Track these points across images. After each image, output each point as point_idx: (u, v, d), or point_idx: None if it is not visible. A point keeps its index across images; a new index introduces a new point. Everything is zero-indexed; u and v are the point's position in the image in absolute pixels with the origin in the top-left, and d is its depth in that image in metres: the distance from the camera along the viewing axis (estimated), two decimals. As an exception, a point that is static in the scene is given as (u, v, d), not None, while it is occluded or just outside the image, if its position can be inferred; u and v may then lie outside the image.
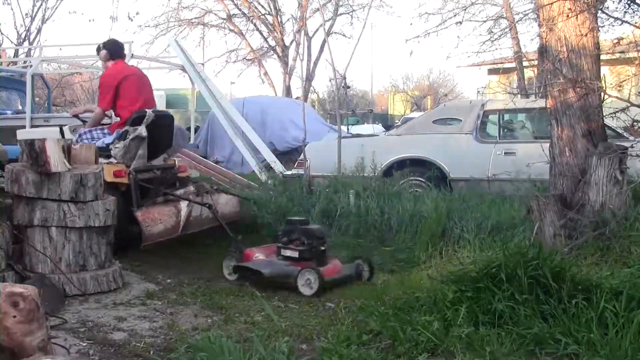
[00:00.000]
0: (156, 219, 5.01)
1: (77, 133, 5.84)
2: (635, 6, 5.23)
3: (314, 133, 9.85)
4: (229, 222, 5.57)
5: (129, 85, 5.78)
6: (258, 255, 4.70)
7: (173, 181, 5.81)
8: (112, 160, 5.40)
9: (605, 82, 5.12)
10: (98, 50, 6.07)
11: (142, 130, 5.36)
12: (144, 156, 5.46)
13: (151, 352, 3.19)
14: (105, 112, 5.99)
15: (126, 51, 9.06)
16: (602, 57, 5.38)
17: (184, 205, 5.27)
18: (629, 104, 4.84)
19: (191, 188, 5.58)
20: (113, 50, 5.99)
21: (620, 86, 5.47)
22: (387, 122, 26.22)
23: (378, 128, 16.63)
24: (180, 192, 5.46)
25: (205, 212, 5.39)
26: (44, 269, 4.22)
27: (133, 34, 29.41)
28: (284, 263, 4.57)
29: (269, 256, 4.70)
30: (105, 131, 5.80)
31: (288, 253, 4.61)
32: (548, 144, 5.12)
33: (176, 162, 5.98)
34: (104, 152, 5.39)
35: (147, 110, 5.54)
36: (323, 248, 4.66)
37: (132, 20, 18.78)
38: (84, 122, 6.43)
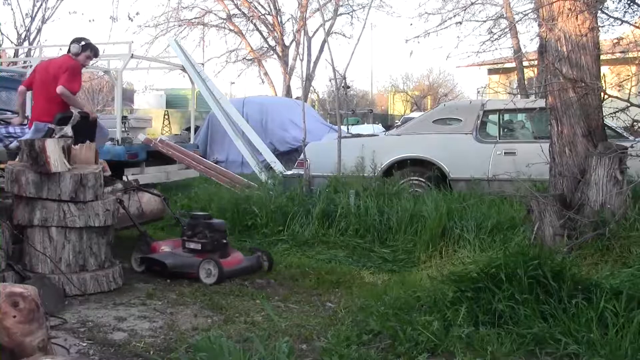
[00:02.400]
0: None
1: None
2: (635, 6, 5.24)
3: (314, 133, 9.85)
4: (154, 219, 5.83)
5: (36, 81, 5.90)
6: (164, 248, 4.99)
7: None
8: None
9: (605, 81, 5.12)
10: None
11: (68, 129, 5.31)
12: None
13: (151, 352, 3.19)
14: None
15: (126, 51, 9.09)
16: (602, 56, 5.38)
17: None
18: (628, 104, 4.84)
19: (119, 185, 5.55)
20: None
21: (620, 86, 5.47)
22: (387, 122, 26.22)
23: (378, 128, 16.60)
24: (108, 189, 5.28)
25: (132, 209, 5.35)
26: (44, 269, 4.22)
27: (133, 34, 29.45)
28: (188, 255, 4.85)
29: (175, 249, 4.99)
30: (26, 130, 5.83)
31: (192, 245, 4.90)
32: (548, 144, 5.12)
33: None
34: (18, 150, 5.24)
35: (72, 110, 5.66)
36: (225, 241, 4.97)
37: (132, 20, 18.74)
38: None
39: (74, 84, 5.78)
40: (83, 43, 5.92)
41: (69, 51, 5.95)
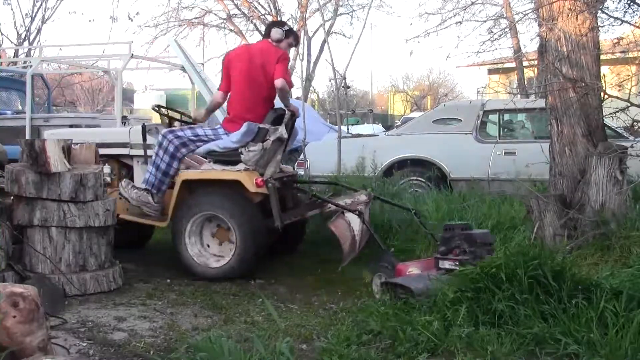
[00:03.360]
0: (346, 236, 4.32)
1: (159, 133, 4.95)
2: (635, 6, 5.23)
3: (314, 133, 9.84)
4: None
5: (237, 72, 4.80)
6: (412, 270, 4.08)
7: (295, 189, 5.21)
8: (239, 166, 4.68)
9: (605, 81, 5.12)
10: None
11: (282, 131, 4.70)
12: (279, 162, 4.82)
13: (151, 352, 3.19)
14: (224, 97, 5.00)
15: (126, 51, 9.09)
16: (602, 56, 5.38)
17: (352, 217, 4.52)
18: (629, 104, 4.84)
19: (362, 197, 4.89)
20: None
21: (620, 86, 5.47)
22: (387, 122, 26.23)
23: (378, 128, 16.63)
24: (346, 202, 4.75)
25: (365, 225, 4.64)
26: (44, 269, 4.22)
27: (133, 34, 29.40)
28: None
29: (425, 270, 4.00)
30: (219, 131, 4.87)
31: (447, 265, 3.90)
32: (548, 144, 5.12)
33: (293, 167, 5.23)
34: (217, 155, 4.78)
35: (282, 107, 4.82)
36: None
37: (132, 20, 18.70)
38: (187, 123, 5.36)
39: (290, 78, 4.96)
40: (287, 28, 5.02)
41: (267, 36, 5.00)
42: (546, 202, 4.76)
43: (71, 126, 8.09)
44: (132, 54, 9.19)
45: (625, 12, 5.30)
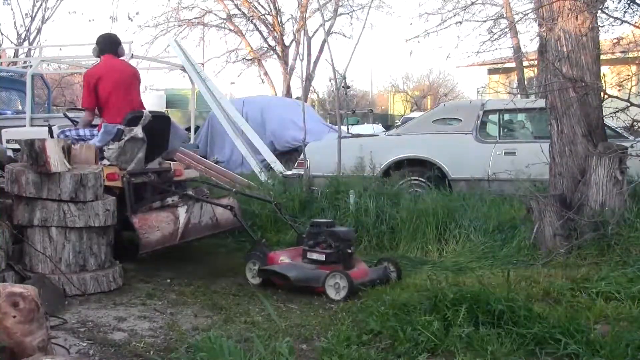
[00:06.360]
0: (154, 226, 4.73)
1: (63, 132, 5.59)
2: (635, 6, 5.24)
3: (314, 133, 9.84)
4: (230, 229, 5.50)
5: (103, 85, 5.45)
6: (283, 259, 4.57)
7: (169, 185, 5.50)
8: (104, 162, 5.08)
9: (605, 81, 5.13)
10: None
11: (138, 131, 5.13)
12: (142, 159, 5.21)
13: (151, 352, 3.19)
14: (94, 112, 5.66)
15: (126, 51, 9.09)
16: (602, 56, 5.39)
17: (182, 210, 4.99)
18: (629, 104, 4.84)
19: (204, 191, 5.39)
20: (102, 44, 5.67)
21: (620, 86, 5.47)
22: (387, 122, 26.21)
23: (378, 128, 16.61)
24: (168, 200, 5.16)
25: (205, 219, 5.17)
26: (44, 269, 4.22)
27: (133, 34, 29.49)
28: (310, 266, 4.45)
29: (294, 259, 4.58)
30: (95, 132, 5.48)
31: (314, 256, 4.49)
32: (548, 144, 5.12)
33: (172, 165, 5.69)
34: None
35: (143, 110, 5.36)
36: (350, 251, 4.52)
37: (132, 20, 18.85)
38: (74, 122, 6.23)
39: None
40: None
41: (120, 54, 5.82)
42: (546, 202, 4.77)
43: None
44: (132, 54, 9.22)
45: (625, 12, 5.31)
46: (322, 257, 4.44)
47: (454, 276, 4.32)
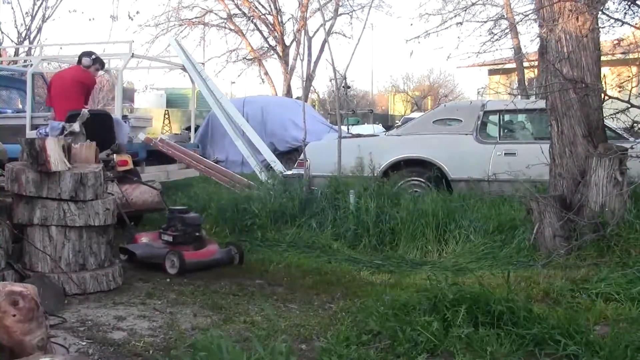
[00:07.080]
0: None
1: (38, 130, 6.87)
2: (636, 7, 5.24)
3: (314, 133, 9.84)
4: (147, 211, 6.24)
5: (52, 90, 7.13)
6: (143, 239, 5.23)
7: (113, 175, 6.01)
8: None
9: (605, 82, 5.13)
10: None
11: (75, 126, 5.99)
12: None
13: (150, 352, 3.19)
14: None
15: (127, 50, 9.10)
16: (603, 57, 5.39)
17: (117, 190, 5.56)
18: (629, 105, 4.84)
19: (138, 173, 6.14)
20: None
21: (620, 87, 5.48)
22: (388, 122, 26.22)
23: (378, 128, 16.60)
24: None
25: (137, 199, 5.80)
26: (44, 267, 4.22)
27: (133, 33, 29.31)
28: (161, 246, 5.08)
29: (152, 240, 5.22)
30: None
31: (166, 237, 5.15)
32: (548, 145, 5.12)
33: (115, 157, 6.22)
34: None
35: (83, 109, 6.34)
36: (197, 234, 5.18)
37: (132, 19, 18.82)
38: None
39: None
40: (94, 57, 7.23)
41: (79, 62, 7.24)
42: (546, 203, 4.77)
43: None
44: (133, 53, 9.20)
45: (625, 13, 5.31)
46: (171, 239, 5.10)
47: (454, 277, 4.32)
